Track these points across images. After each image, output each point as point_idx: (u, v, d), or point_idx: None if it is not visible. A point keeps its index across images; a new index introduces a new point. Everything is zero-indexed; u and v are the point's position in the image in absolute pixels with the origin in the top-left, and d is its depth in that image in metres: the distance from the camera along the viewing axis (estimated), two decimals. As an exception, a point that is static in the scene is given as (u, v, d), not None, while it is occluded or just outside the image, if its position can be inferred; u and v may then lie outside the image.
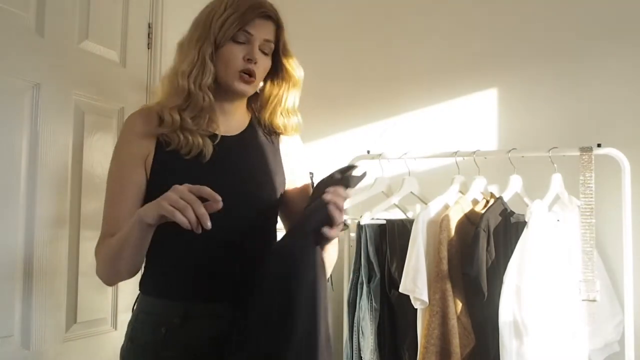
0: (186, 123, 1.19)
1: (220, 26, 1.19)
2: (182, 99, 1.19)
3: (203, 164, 1.19)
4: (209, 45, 1.19)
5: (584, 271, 1.61)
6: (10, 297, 1.40)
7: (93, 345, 1.63)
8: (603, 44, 1.88)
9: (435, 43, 2.18)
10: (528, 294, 1.59)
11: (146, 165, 1.20)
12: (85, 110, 1.61)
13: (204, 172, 1.19)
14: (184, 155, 1.19)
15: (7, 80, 1.39)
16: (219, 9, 1.21)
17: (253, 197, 1.25)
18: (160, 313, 1.18)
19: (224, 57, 1.21)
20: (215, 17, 1.20)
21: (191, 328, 1.17)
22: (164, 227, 1.13)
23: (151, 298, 1.20)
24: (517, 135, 1.99)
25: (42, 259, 1.46)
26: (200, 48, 1.19)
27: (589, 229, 1.62)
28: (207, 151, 1.20)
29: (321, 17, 2.40)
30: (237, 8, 1.20)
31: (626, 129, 1.82)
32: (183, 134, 1.19)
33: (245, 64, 1.21)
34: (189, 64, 1.19)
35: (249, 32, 1.21)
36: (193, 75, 1.19)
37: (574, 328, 1.60)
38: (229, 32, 1.19)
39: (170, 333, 1.16)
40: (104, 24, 1.69)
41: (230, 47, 1.20)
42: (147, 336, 1.17)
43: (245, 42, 1.21)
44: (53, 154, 1.50)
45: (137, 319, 1.21)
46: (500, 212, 1.73)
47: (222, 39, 1.19)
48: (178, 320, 1.16)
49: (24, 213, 1.43)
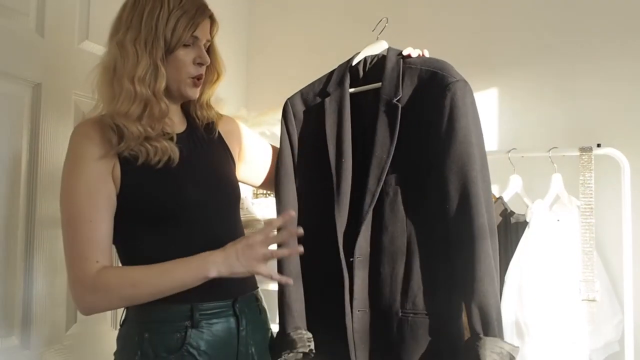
0: (148, 133, 1.14)
1: (172, 30, 1.15)
2: (140, 107, 1.14)
3: (174, 168, 1.18)
4: (159, 49, 1.15)
5: (584, 271, 1.61)
6: (10, 297, 1.40)
7: (93, 345, 1.63)
8: (603, 44, 1.88)
9: (435, 43, 2.17)
10: (529, 294, 1.59)
11: (114, 180, 1.14)
12: (85, 110, 1.61)
13: (177, 177, 1.19)
14: (155, 165, 1.15)
15: (7, 80, 1.39)
16: (161, 7, 1.15)
17: (221, 187, 1.27)
18: (170, 319, 1.16)
19: (176, 62, 1.18)
20: (161, 18, 1.15)
21: (204, 326, 1.17)
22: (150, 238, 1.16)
23: (155, 306, 1.14)
24: (517, 135, 1.99)
25: (42, 259, 1.46)
26: (150, 52, 1.14)
27: (588, 229, 1.62)
28: (175, 154, 1.18)
29: (321, 17, 2.40)
30: (184, 10, 1.17)
31: (626, 129, 1.82)
32: (150, 144, 1.14)
33: (197, 69, 1.21)
34: (142, 69, 1.13)
35: (196, 36, 1.19)
36: (147, 81, 1.14)
37: (574, 328, 1.60)
38: (183, 36, 1.16)
39: (187, 336, 1.14)
40: (104, 24, 1.68)
41: (181, 52, 1.18)
42: (163, 345, 1.14)
43: (192, 44, 1.20)
44: (53, 154, 1.50)
45: (140, 329, 1.16)
46: (501, 212, 1.73)
47: (175, 44, 1.16)
48: (190, 322, 1.15)
49: (24, 213, 1.43)
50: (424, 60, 1.31)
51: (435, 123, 1.21)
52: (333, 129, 1.32)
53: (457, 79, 1.21)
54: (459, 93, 1.20)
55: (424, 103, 1.25)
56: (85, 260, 1.09)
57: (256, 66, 2.54)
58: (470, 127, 1.20)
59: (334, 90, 1.35)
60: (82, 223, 1.10)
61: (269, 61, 2.52)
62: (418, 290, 1.22)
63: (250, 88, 2.51)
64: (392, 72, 1.29)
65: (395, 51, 1.35)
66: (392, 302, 1.23)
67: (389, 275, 1.24)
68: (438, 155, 1.21)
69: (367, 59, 1.39)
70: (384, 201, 1.25)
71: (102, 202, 1.12)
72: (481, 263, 1.14)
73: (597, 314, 1.62)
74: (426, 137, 1.24)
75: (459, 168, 1.18)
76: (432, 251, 1.23)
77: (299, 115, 1.41)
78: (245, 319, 1.23)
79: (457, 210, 1.17)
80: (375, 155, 1.25)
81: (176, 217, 1.18)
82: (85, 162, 1.13)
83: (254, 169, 1.44)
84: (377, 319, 1.26)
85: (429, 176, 1.23)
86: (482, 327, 1.14)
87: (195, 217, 1.20)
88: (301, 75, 1.49)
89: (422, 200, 1.24)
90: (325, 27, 2.39)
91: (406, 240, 1.23)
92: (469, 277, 1.15)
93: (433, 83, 1.24)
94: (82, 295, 1.11)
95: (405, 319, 1.22)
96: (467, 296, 1.16)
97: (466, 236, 1.16)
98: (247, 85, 2.51)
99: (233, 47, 2.45)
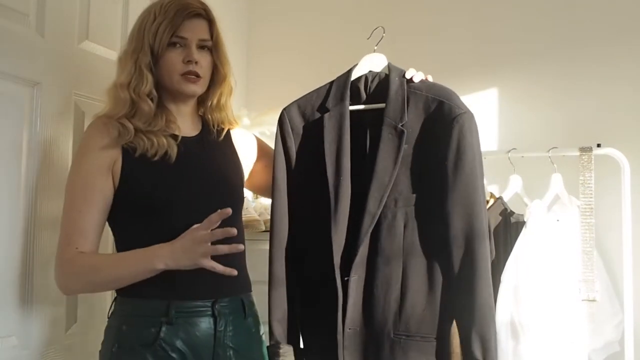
0: (147, 128, 1.23)
1: (153, 35, 1.23)
2: (126, 108, 1.23)
3: (170, 165, 1.23)
4: (144, 55, 1.23)
5: (584, 271, 1.61)
6: (10, 297, 1.40)
7: (93, 345, 1.63)
8: (603, 45, 1.88)
9: (435, 43, 2.18)
10: (525, 294, 1.59)
11: (113, 174, 1.23)
12: (85, 110, 1.61)
13: (173, 174, 1.24)
14: (151, 158, 1.22)
15: (7, 80, 1.39)
16: (149, 18, 1.25)
17: (220, 194, 1.30)
18: (147, 314, 1.19)
19: (165, 64, 1.25)
20: (147, 27, 1.24)
21: (181, 324, 1.18)
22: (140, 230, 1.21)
23: (135, 299, 1.21)
24: (517, 135, 1.99)
25: (42, 259, 1.46)
26: (136, 59, 1.24)
27: (588, 229, 1.62)
28: (172, 152, 1.24)
29: (321, 17, 2.40)
30: (166, 14, 1.24)
31: (626, 129, 1.82)
32: (147, 136, 1.22)
33: (185, 67, 1.25)
34: (126, 75, 1.24)
35: (182, 36, 1.25)
36: (132, 85, 1.23)
37: (573, 328, 1.60)
38: (163, 39, 1.23)
39: (161, 332, 1.17)
40: (104, 24, 1.69)
41: (168, 54, 1.25)
42: (138, 338, 1.18)
43: (183, 46, 1.26)
44: (53, 154, 1.50)
45: (121, 321, 1.22)
46: (500, 212, 1.73)
47: (159, 48, 1.23)
48: (165, 318, 1.18)
49: (24, 213, 1.43)
50: (429, 87, 1.31)
51: (440, 152, 1.23)
52: (332, 146, 1.30)
53: (464, 111, 1.23)
54: (467, 125, 1.22)
55: (430, 131, 1.26)
56: (67, 246, 1.19)
57: (256, 66, 2.54)
58: (476, 159, 1.23)
59: (334, 106, 1.33)
60: (72, 212, 1.21)
61: (269, 61, 2.52)
62: (412, 313, 1.24)
63: (250, 88, 2.51)
64: (397, 96, 1.28)
65: (398, 71, 1.34)
66: (384, 323, 1.25)
67: (383, 297, 1.25)
68: (442, 184, 1.22)
69: (369, 77, 1.37)
70: (381, 223, 1.26)
71: (94, 195, 1.21)
72: (482, 293, 1.19)
73: (597, 314, 1.62)
74: (430, 164, 1.25)
75: (464, 199, 1.21)
76: (429, 275, 1.25)
77: (296, 128, 1.38)
78: (224, 321, 1.25)
79: (460, 240, 1.21)
80: (376, 177, 1.25)
81: (166, 212, 1.23)
82: (89, 152, 1.23)
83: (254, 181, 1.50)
84: (369, 338, 1.27)
85: (429, 202, 1.25)
86: (482, 353, 1.19)
87: (186, 215, 1.21)
88: (301, 76, 1.49)
89: (421, 224, 1.25)
90: (325, 27, 2.39)
91: (402, 263, 1.25)
92: (470, 306, 1.20)
93: (440, 112, 1.25)
94: (57, 276, 1.22)
95: (398, 341, 1.24)
96: (467, 324, 1.20)
97: (468, 267, 1.20)
98: (247, 85, 2.51)
99: (233, 47, 2.45)
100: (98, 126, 1.26)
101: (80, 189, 1.21)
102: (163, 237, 1.18)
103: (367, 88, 1.37)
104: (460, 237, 1.21)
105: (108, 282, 1.21)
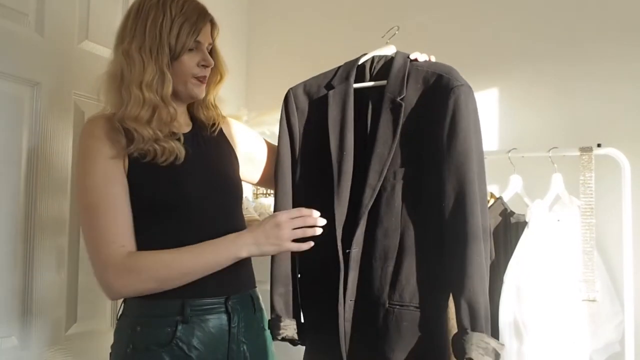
0: (157, 135, 1.19)
1: (175, 36, 1.20)
2: (149, 112, 1.19)
3: (179, 165, 1.22)
4: (165, 56, 1.20)
5: (584, 271, 1.61)
6: (10, 297, 1.40)
7: (93, 345, 1.63)
8: (603, 44, 1.88)
9: (435, 43, 2.17)
10: (528, 294, 1.59)
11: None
12: (85, 110, 1.61)
13: (182, 174, 1.23)
14: (161, 163, 1.20)
15: (7, 80, 1.40)
16: (164, 15, 1.20)
17: (225, 186, 1.31)
18: (162, 314, 1.19)
19: (182, 66, 1.23)
20: (164, 26, 1.20)
21: (196, 322, 1.19)
22: (152, 228, 1.18)
23: (147, 300, 1.19)
24: (517, 135, 1.99)
25: (42, 259, 1.46)
26: (156, 59, 1.19)
27: (589, 229, 1.62)
28: (181, 153, 1.22)
29: (321, 17, 2.40)
30: (186, 16, 1.21)
31: (626, 129, 1.82)
32: (158, 144, 1.19)
33: (201, 70, 1.26)
34: (149, 75, 1.18)
35: (199, 40, 1.24)
36: (154, 87, 1.19)
37: (575, 328, 1.60)
38: (187, 42, 1.21)
39: (177, 331, 1.17)
40: (104, 24, 1.69)
41: (186, 57, 1.23)
42: (153, 339, 1.17)
43: (195, 49, 1.25)
44: (53, 154, 1.50)
45: (134, 322, 1.20)
46: (500, 212, 1.73)
47: (180, 50, 1.21)
48: (181, 317, 1.18)
49: (24, 213, 1.43)
50: (431, 64, 1.34)
51: (437, 123, 1.23)
52: (336, 121, 1.33)
53: (461, 83, 1.24)
54: (463, 97, 1.22)
55: (428, 103, 1.27)
56: (112, 244, 1.14)
57: (256, 66, 2.54)
58: (471, 130, 1.22)
59: (339, 84, 1.36)
60: (103, 211, 1.15)
61: (269, 61, 2.52)
62: (406, 284, 1.25)
63: (250, 88, 2.51)
64: (398, 72, 1.31)
65: (404, 54, 1.37)
66: (380, 293, 1.26)
67: (380, 268, 1.27)
68: (437, 154, 1.23)
69: (375, 59, 1.40)
70: (381, 196, 1.27)
71: (120, 190, 1.17)
72: (473, 261, 1.18)
73: (598, 314, 1.62)
74: (427, 136, 1.26)
75: (457, 168, 1.20)
76: (424, 246, 1.25)
77: (301, 106, 1.41)
78: (237, 317, 1.25)
79: (452, 208, 1.20)
80: (376, 151, 1.26)
81: (178, 213, 1.22)
82: (98, 159, 1.17)
83: (253, 166, 1.47)
84: (365, 308, 1.28)
85: (426, 174, 1.26)
86: (470, 322, 1.17)
87: (197, 214, 1.23)
88: (301, 76, 1.49)
89: (418, 196, 1.27)
90: (325, 27, 2.39)
91: (399, 234, 1.26)
92: (460, 273, 1.18)
93: (438, 85, 1.26)
94: (114, 278, 1.14)
95: (392, 310, 1.25)
96: (457, 292, 1.20)
97: (460, 234, 1.19)
98: (247, 85, 2.51)
99: (233, 47, 2.45)
100: (98, 134, 1.19)
101: (103, 187, 1.16)
102: (179, 239, 1.19)
103: (372, 68, 1.40)
104: (451, 201, 1.20)
105: (181, 275, 1.16)
